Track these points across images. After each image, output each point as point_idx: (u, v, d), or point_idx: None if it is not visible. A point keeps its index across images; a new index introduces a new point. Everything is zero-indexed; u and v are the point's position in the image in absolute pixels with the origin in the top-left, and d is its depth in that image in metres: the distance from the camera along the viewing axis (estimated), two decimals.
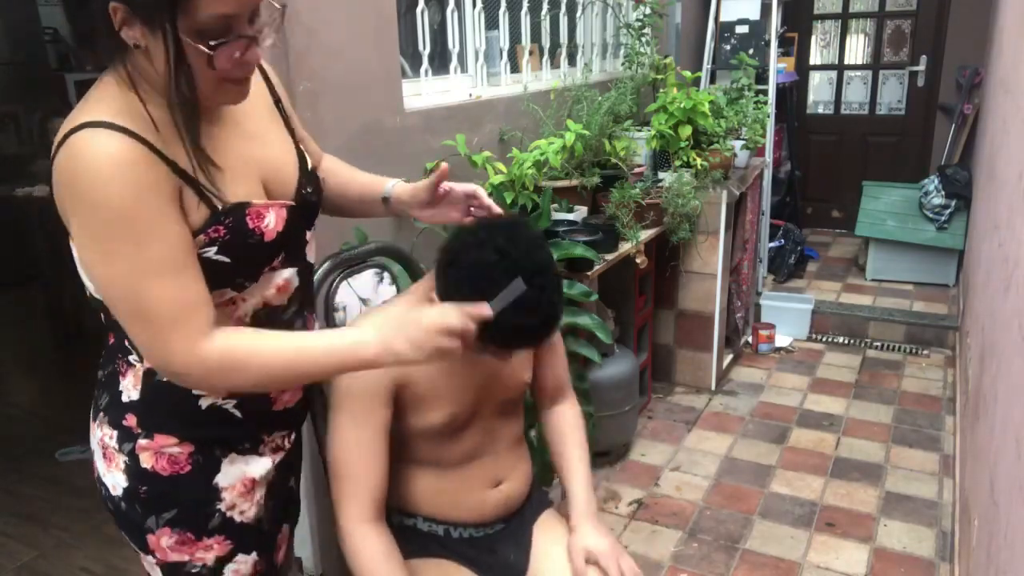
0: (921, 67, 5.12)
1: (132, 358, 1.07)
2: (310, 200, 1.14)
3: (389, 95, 2.17)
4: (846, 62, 5.43)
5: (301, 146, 1.17)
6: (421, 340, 0.98)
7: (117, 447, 1.09)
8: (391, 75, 2.18)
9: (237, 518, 1.14)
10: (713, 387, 3.41)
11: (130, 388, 1.08)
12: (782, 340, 3.86)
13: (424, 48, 2.45)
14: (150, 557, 1.12)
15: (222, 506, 1.12)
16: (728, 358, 3.61)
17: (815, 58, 5.53)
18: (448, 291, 1.09)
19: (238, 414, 1.12)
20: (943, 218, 4.23)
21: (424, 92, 2.49)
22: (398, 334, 0.99)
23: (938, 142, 5.06)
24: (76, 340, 4.01)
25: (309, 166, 1.16)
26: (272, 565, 1.23)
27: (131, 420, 1.08)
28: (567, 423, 1.46)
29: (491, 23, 2.82)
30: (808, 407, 3.27)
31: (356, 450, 1.19)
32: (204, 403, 1.09)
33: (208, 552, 1.12)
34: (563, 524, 1.41)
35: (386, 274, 1.48)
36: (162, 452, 1.08)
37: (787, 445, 2.96)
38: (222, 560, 1.14)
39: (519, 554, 1.36)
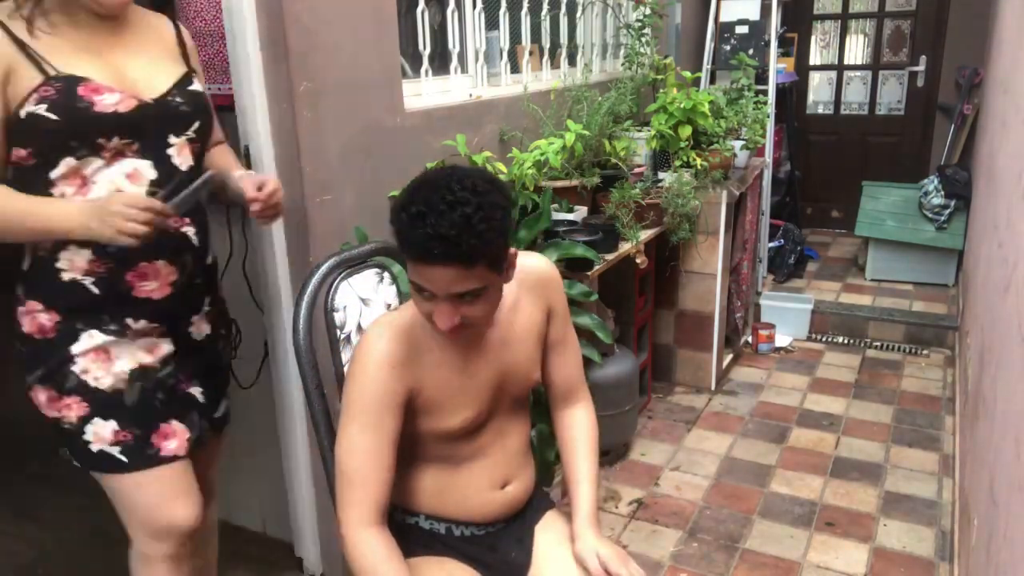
0: (921, 67, 5.12)
1: None
2: (175, 107, 1.36)
3: (389, 95, 2.17)
4: (846, 62, 5.44)
5: (194, 78, 1.42)
6: (107, 218, 1.19)
7: (13, 313, 1.34)
8: (391, 75, 2.18)
9: (91, 382, 1.32)
10: (713, 387, 3.41)
11: (25, 262, 1.34)
12: (782, 340, 3.86)
13: (424, 48, 2.45)
14: (42, 413, 1.37)
15: (76, 368, 1.32)
16: (728, 358, 3.61)
17: (815, 58, 5.53)
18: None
19: (95, 290, 1.31)
20: (943, 218, 4.24)
21: (424, 92, 2.49)
22: (94, 214, 1.20)
23: (938, 142, 5.06)
24: None
25: (192, 87, 1.40)
26: (148, 444, 1.37)
27: (19, 289, 1.34)
28: (579, 428, 1.43)
29: (491, 23, 2.83)
30: (808, 407, 3.27)
31: (361, 457, 1.18)
32: (65, 276, 1.30)
33: (70, 411, 1.33)
34: (565, 524, 1.40)
35: (386, 274, 1.48)
36: (33, 317, 1.31)
37: (787, 445, 2.96)
38: (83, 420, 1.33)
39: (521, 552, 1.36)
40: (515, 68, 3.00)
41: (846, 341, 3.95)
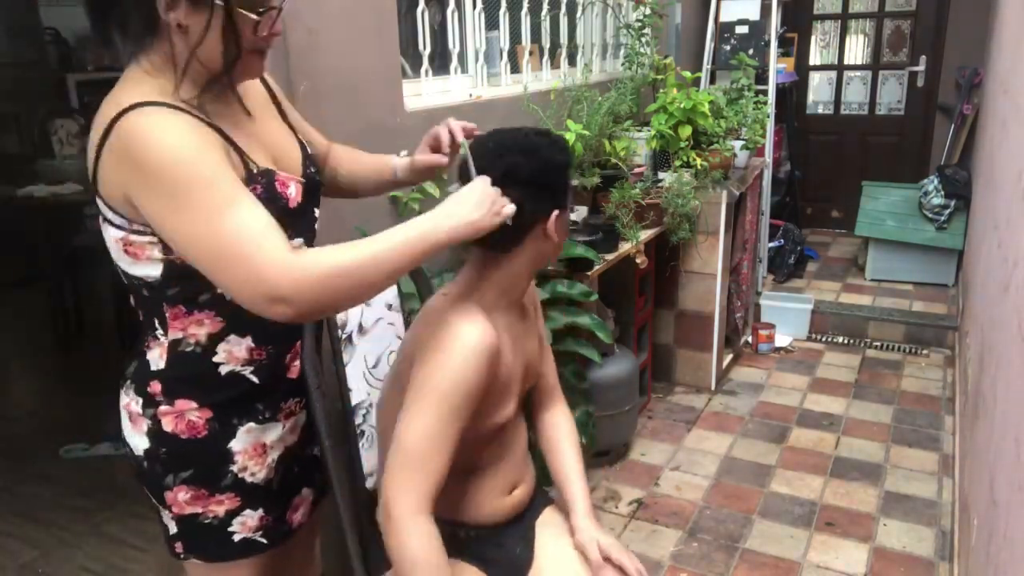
0: (921, 67, 5.12)
1: (159, 332, 1.17)
2: (315, 179, 1.24)
3: (389, 95, 2.17)
4: (846, 62, 5.44)
5: (299, 135, 1.27)
6: (488, 204, 1.12)
7: (141, 411, 1.19)
8: (391, 75, 2.18)
9: (248, 479, 1.22)
10: (713, 387, 3.41)
11: (156, 359, 1.18)
12: (782, 340, 3.86)
13: (424, 48, 2.45)
14: (167, 511, 1.23)
15: (234, 467, 1.21)
16: (728, 358, 3.61)
17: (815, 58, 5.53)
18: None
19: (255, 379, 1.20)
20: (942, 218, 4.24)
21: (424, 92, 2.49)
22: (456, 206, 1.11)
23: (937, 142, 5.06)
24: (77, 340, 4.01)
25: (311, 152, 1.26)
26: (283, 521, 1.31)
27: (155, 387, 1.17)
28: (564, 430, 1.47)
29: (491, 23, 2.83)
30: (808, 407, 3.27)
31: (433, 445, 1.13)
32: (224, 370, 1.18)
33: (220, 506, 1.22)
34: (564, 519, 1.42)
35: None
36: (182, 416, 1.17)
37: (787, 445, 2.96)
38: (231, 513, 1.23)
39: (524, 549, 1.38)
40: (515, 68, 3.00)
41: (846, 341, 3.95)
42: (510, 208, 1.15)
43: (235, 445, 1.21)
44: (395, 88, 2.20)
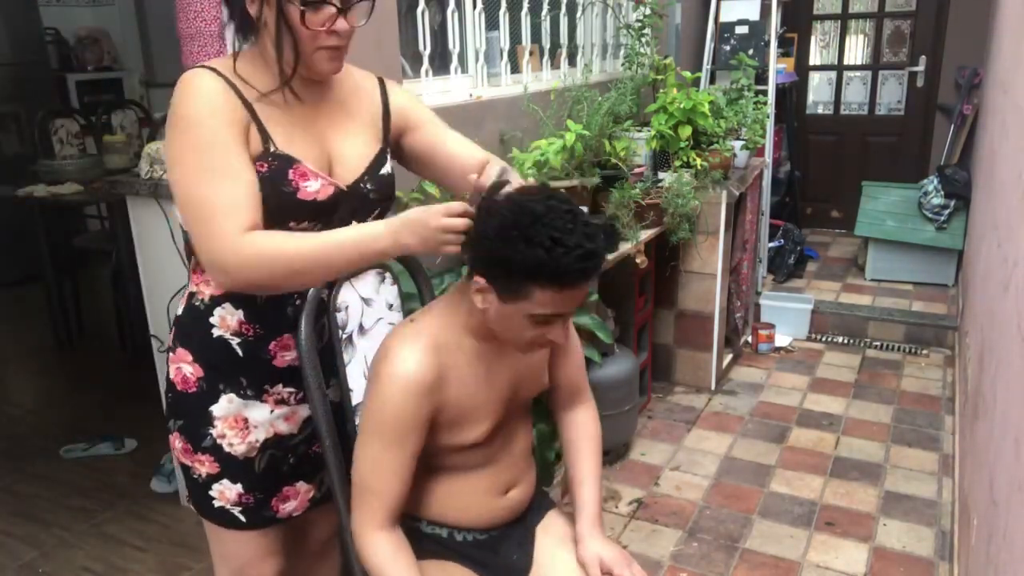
0: (920, 67, 5.12)
1: (188, 282, 1.33)
2: (365, 193, 1.30)
3: None
4: (845, 62, 5.44)
5: (387, 157, 1.34)
6: (426, 233, 1.13)
7: (167, 352, 1.35)
8: (392, 75, 2.18)
9: (226, 447, 1.31)
10: (713, 387, 3.42)
11: (181, 307, 1.33)
12: (782, 340, 3.87)
13: (424, 48, 2.46)
14: (173, 453, 1.37)
15: (213, 432, 1.31)
16: (728, 358, 3.61)
17: (815, 58, 5.53)
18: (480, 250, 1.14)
19: (239, 352, 1.29)
20: (942, 218, 4.24)
21: (424, 92, 2.50)
22: (405, 228, 1.14)
23: (937, 142, 5.07)
24: (77, 340, 4.01)
25: (382, 171, 1.33)
26: (267, 507, 1.37)
27: (173, 332, 1.34)
28: (583, 429, 1.43)
29: (491, 24, 2.83)
30: (808, 407, 3.27)
31: (382, 474, 1.19)
32: (215, 332, 1.29)
33: (202, 466, 1.33)
34: (566, 525, 1.40)
35: (387, 274, 1.48)
36: (180, 368, 1.31)
37: (787, 445, 2.97)
38: (212, 477, 1.33)
39: (522, 555, 1.36)
40: (515, 68, 3.00)
41: (846, 341, 3.95)
42: (447, 248, 1.13)
43: (216, 410, 1.31)
44: None
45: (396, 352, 1.19)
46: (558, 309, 1.13)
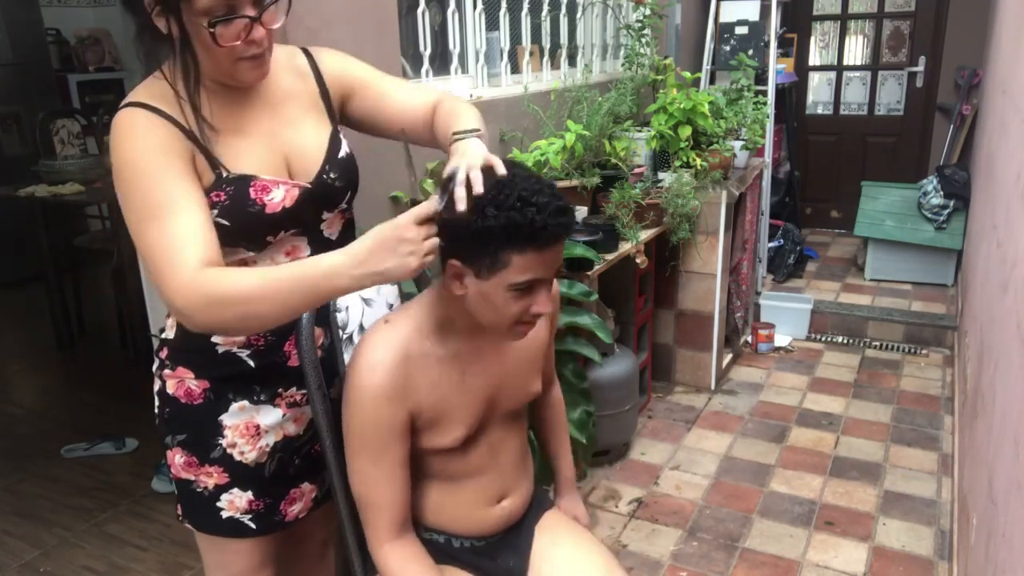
0: (920, 68, 5.13)
1: None
2: (330, 184, 1.25)
3: None
4: (845, 63, 5.44)
5: (341, 138, 1.29)
6: (403, 252, 1.00)
7: (155, 371, 1.31)
8: (392, 75, 2.19)
9: (236, 456, 1.29)
10: (713, 386, 3.42)
11: (169, 328, 1.29)
12: (781, 340, 3.87)
13: (425, 49, 2.46)
14: (170, 471, 1.34)
15: (223, 442, 1.28)
16: (728, 358, 3.62)
17: (814, 59, 5.54)
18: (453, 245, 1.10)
19: (251, 363, 1.26)
20: (942, 218, 4.24)
21: None
22: (384, 254, 1.01)
23: (937, 142, 5.07)
24: (78, 340, 4.02)
25: (340, 154, 1.27)
26: (276, 511, 1.35)
27: (164, 353, 1.29)
28: (555, 410, 1.54)
29: (492, 24, 2.83)
30: (807, 406, 3.28)
31: (377, 487, 1.20)
32: (220, 349, 1.25)
33: (209, 478, 1.29)
34: (566, 525, 1.41)
35: None
36: (183, 382, 1.27)
37: (786, 444, 2.97)
38: (220, 488, 1.30)
39: (518, 560, 1.36)
40: (515, 69, 3.01)
41: (845, 341, 3.95)
42: (429, 258, 1.03)
43: (226, 419, 1.27)
44: None
45: (364, 359, 1.18)
46: (538, 273, 1.10)
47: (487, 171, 1.06)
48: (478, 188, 1.03)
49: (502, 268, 1.08)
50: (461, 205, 1.03)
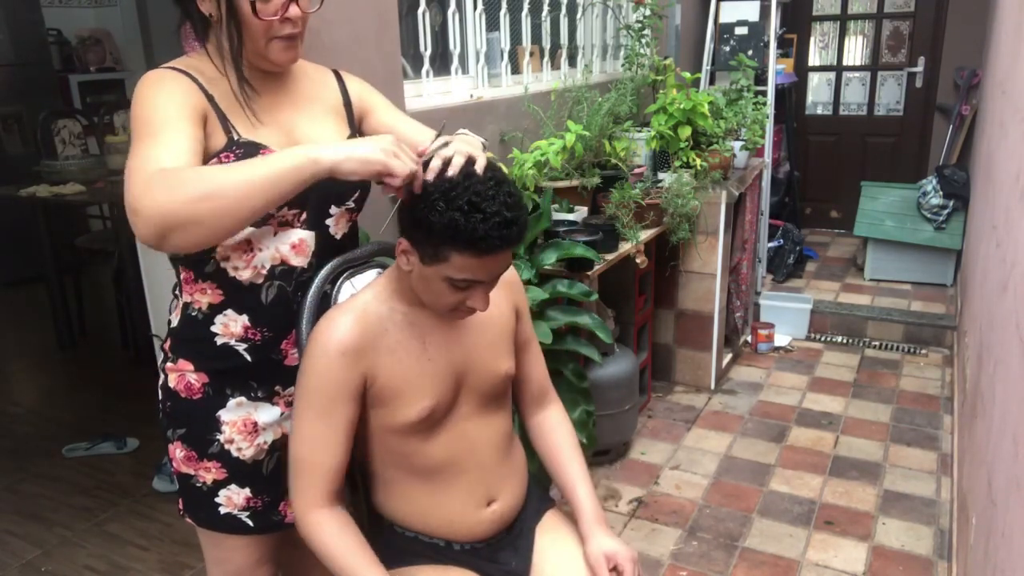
0: (919, 68, 5.13)
1: (178, 292, 1.31)
2: (338, 179, 1.24)
3: (390, 96, 2.15)
4: (845, 63, 5.45)
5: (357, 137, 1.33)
6: (386, 146, 1.09)
7: (161, 367, 1.33)
8: (392, 76, 2.20)
9: (234, 452, 1.30)
10: (712, 386, 3.43)
11: (174, 318, 1.31)
12: (781, 339, 3.88)
13: (425, 49, 2.46)
14: (171, 465, 1.35)
15: (221, 437, 1.30)
16: (727, 357, 3.62)
17: (814, 59, 5.54)
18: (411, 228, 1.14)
19: (248, 357, 1.28)
20: (941, 218, 4.25)
21: (425, 93, 2.51)
22: (362, 141, 1.10)
23: (936, 143, 5.08)
24: (79, 339, 4.03)
25: None
26: (275, 510, 1.36)
27: (168, 344, 1.32)
28: (561, 431, 1.44)
29: (492, 24, 2.84)
30: (807, 406, 3.28)
31: (311, 445, 1.18)
32: (219, 341, 1.27)
33: (208, 473, 1.31)
34: (567, 525, 1.40)
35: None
36: (183, 376, 1.29)
37: (786, 444, 2.98)
38: (218, 483, 1.32)
39: (520, 561, 1.35)
40: (515, 69, 3.01)
41: (845, 341, 3.96)
42: (396, 163, 1.07)
43: (224, 415, 1.29)
44: (396, 89, 2.21)
45: (322, 321, 1.20)
46: (476, 276, 1.12)
47: (469, 163, 1.11)
48: (453, 170, 1.09)
49: (442, 262, 1.11)
50: (430, 175, 1.10)
